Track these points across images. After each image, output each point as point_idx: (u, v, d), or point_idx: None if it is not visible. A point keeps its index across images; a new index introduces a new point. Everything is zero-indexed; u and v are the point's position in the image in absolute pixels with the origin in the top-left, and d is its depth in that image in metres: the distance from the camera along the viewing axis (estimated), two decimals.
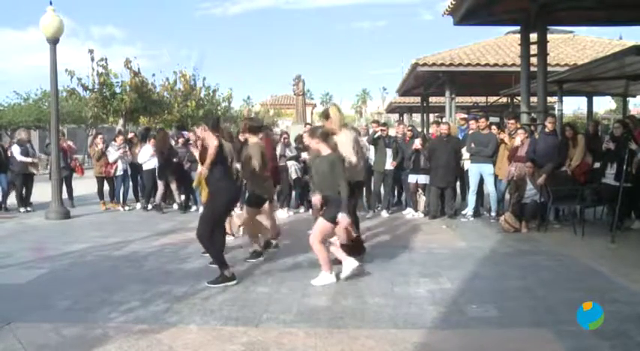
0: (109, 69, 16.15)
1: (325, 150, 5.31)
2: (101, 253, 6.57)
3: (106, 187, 10.58)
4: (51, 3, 9.15)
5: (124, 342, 3.67)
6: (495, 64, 14.64)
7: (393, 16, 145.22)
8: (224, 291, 4.86)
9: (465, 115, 11.88)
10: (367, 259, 6.07)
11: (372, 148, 9.35)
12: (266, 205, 6.54)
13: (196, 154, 6.33)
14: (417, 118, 31.33)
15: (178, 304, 4.48)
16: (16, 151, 10.27)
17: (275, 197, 9.38)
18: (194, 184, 6.59)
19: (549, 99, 12.18)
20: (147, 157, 10.13)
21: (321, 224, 5.16)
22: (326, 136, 5.39)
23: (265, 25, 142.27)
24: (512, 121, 8.99)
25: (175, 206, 10.31)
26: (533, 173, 7.83)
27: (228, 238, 6.56)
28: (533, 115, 10.67)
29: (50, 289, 5.00)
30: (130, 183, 10.82)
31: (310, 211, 8.98)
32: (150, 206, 10.34)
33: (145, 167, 10.19)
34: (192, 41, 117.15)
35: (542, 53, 10.14)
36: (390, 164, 9.27)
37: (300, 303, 4.53)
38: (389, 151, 9.28)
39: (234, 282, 5.08)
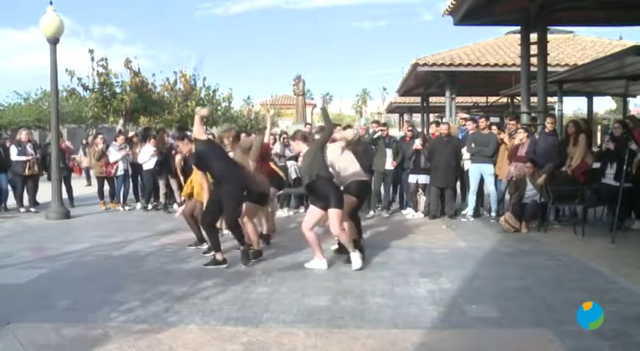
0: (109, 69, 16.16)
1: (305, 148, 5.83)
2: (101, 253, 6.57)
3: (106, 187, 10.59)
4: (51, 3, 9.16)
5: (124, 342, 3.67)
6: (495, 64, 14.63)
7: (393, 16, 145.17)
8: (224, 291, 4.86)
9: (466, 115, 11.88)
10: (367, 259, 6.08)
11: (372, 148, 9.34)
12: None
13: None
14: (417, 118, 31.31)
15: (178, 304, 4.48)
16: (13, 151, 10.26)
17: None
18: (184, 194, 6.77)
19: (549, 99, 12.19)
20: (147, 157, 10.13)
21: (312, 212, 5.60)
22: (304, 137, 5.95)
23: (266, 25, 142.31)
24: (513, 122, 9.00)
25: (176, 206, 10.31)
26: (533, 173, 7.83)
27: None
28: (533, 115, 10.68)
29: (50, 289, 4.99)
30: (131, 183, 10.83)
31: None
32: (150, 206, 10.35)
33: (145, 167, 10.20)
34: (192, 41, 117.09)
35: (543, 53, 10.14)
36: (390, 164, 9.28)
37: (300, 303, 4.53)
38: (389, 151, 9.28)
39: (226, 265, 5.65)
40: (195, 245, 6.73)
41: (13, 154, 10.22)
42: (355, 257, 5.61)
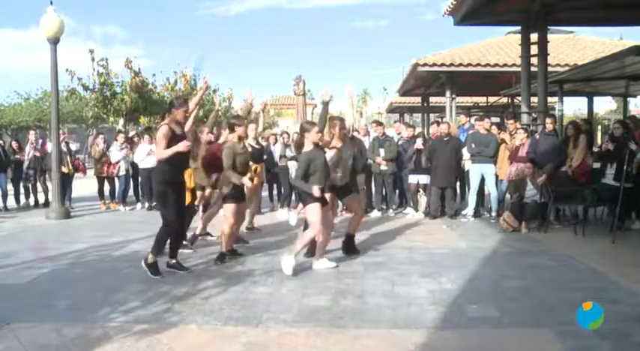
0: (109, 69, 16.19)
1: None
2: (101, 253, 6.57)
3: (107, 186, 10.59)
4: (52, 3, 9.15)
5: (124, 342, 3.67)
6: (496, 65, 14.63)
7: (395, 16, 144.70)
8: (224, 291, 4.86)
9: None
10: (367, 259, 6.08)
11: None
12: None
13: None
14: (417, 118, 31.29)
15: (179, 304, 4.49)
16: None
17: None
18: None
19: (550, 99, 12.19)
20: (142, 156, 10.12)
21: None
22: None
23: (267, 25, 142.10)
24: (512, 121, 9.02)
25: None
26: (534, 173, 7.83)
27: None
28: (533, 115, 10.68)
29: (50, 289, 5.00)
30: (131, 183, 10.83)
31: None
32: (147, 204, 10.37)
33: (141, 166, 10.19)
34: (193, 40, 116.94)
35: (543, 53, 10.14)
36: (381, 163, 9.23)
37: (301, 303, 4.53)
38: (382, 151, 9.27)
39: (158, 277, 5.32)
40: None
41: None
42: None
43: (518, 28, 11.13)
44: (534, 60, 10.33)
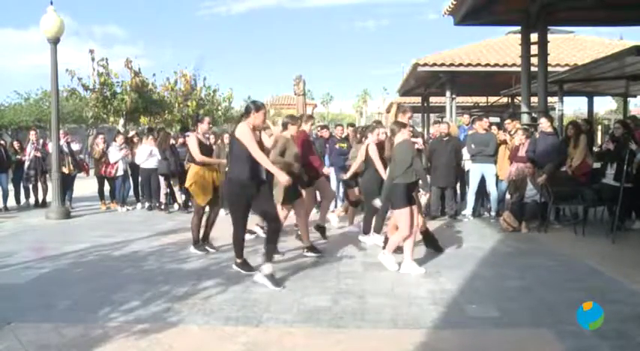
0: (109, 69, 16.20)
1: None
2: (101, 253, 6.57)
3: (107, 186, 10.59)
4: (52, 3, 9.15)
5: (124, 342, 3.67)
6: (496, 65, 14.63)
7: (396, 15, 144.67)
8: (224, 291, 4.86)
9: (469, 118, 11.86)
10: (368, 259, 6.08)
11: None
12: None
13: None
14: (417, 118, 31.24)
15: (179, 304, 4.49)
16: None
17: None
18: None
19: (550, 99, 12.19)
20: (145, 157, 10.13)
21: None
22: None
23: (268, 25, 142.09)
24: (509, 121, 9.04)
25: (176, 206, 10.33)
26: (534, 173, 7.83)
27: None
28: (533, 115, 10.68)
29: (50, 289, 4.99)
30: (131, 183, 10.83)
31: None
32: (147, 204, 10.38)
33: (143, 166, 10.19)
34: (194, 40, 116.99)
35: (543, 53, 10.14)
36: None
37: (300, 303, 4.53)
38: None
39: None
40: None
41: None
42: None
43: (518, 28, 11.14)
44: (534, 60, 10.34)
